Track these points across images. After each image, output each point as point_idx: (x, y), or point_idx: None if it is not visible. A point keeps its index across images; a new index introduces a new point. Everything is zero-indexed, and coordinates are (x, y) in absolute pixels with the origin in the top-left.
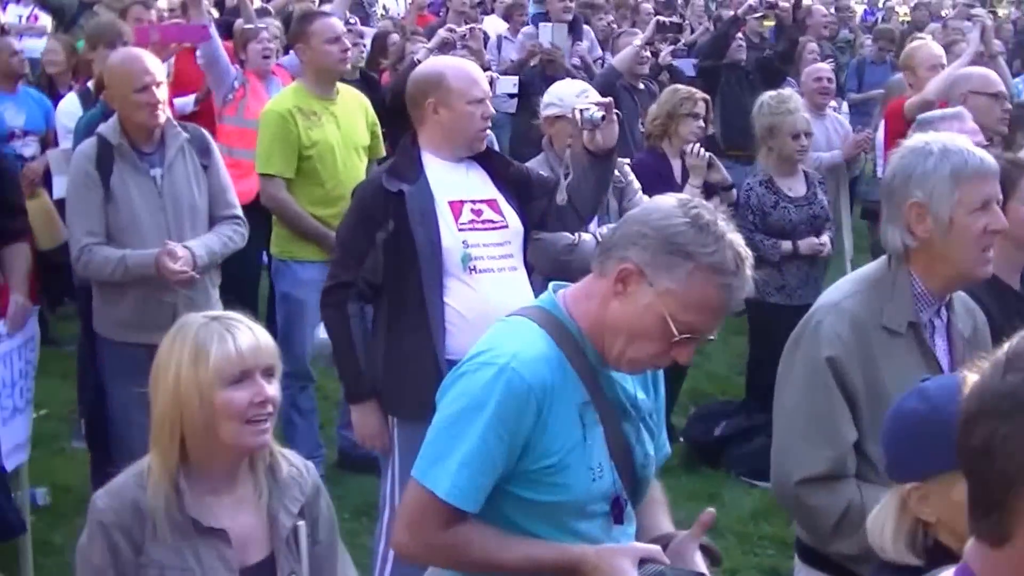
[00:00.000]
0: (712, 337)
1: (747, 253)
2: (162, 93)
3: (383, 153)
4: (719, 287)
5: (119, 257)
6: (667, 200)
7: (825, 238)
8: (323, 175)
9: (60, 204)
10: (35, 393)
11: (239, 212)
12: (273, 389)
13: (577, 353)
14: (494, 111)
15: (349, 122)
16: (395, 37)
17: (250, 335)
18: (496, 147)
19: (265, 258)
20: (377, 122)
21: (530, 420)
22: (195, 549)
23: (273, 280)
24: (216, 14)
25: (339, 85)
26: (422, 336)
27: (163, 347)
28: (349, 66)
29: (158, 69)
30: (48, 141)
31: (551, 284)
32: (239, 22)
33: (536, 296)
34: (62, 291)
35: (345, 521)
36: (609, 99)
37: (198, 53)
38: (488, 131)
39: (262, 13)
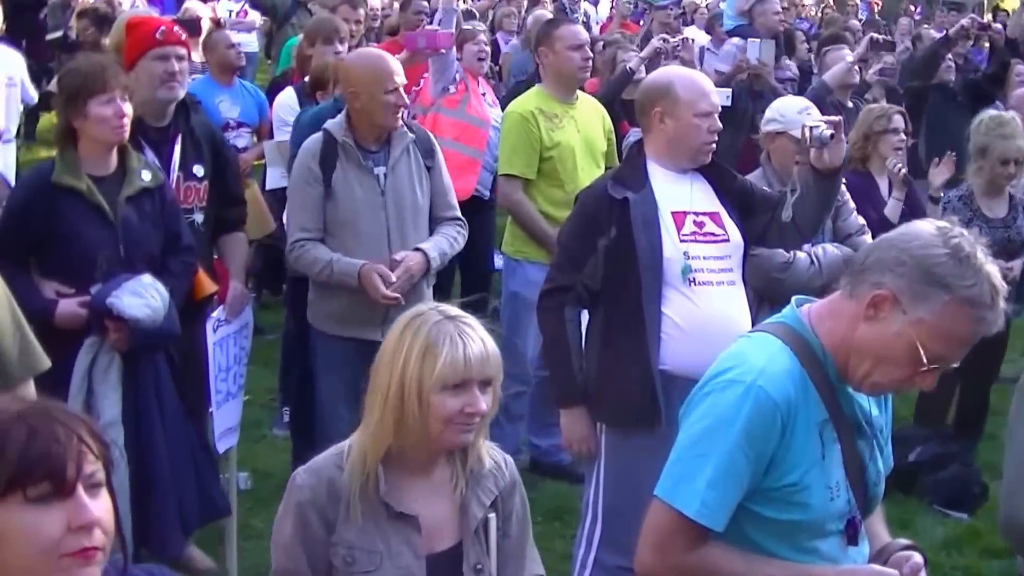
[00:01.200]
0: (956, 365)
1: (1002, 286)
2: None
3: (617, 160)
4: (973, 319)
5: (327, 260)
6: (926, 227)
7: (1016, 263)
8: (562, 177)
9: (270, 194)
10: None
11: (459, 214)
12: (486, 402)
13: (818, 371)
14: (720, 125)
15: (588, 127)
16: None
17: (480, 345)
18: None
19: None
20: (612, 129)
21: (775, 438)
22: (384, 533)
23: (503, 278)
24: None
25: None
26: (637, 345)
27: (394, 332)
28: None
29: (401, 71)
30: (262, 133)
31: (794, 299)
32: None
33: (751, 311)
34: (272, 281)
35: (537, 524)
36: (839, 118)
37: None
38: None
39: (468, 16)
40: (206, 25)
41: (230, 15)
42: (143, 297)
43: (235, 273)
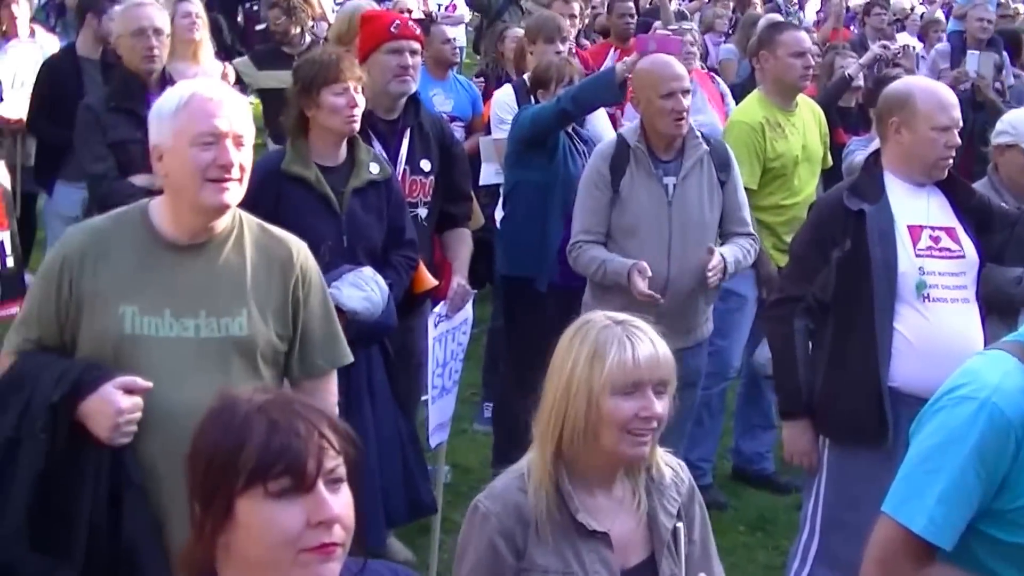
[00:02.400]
0: None
1: None
2: (687, 101)
3: (831, 163)
4: None
5: (601, 260)
6: None
7: None
8: (782, 186)
9: (483, 189)
10: None
11: (751, 230)
12: (662, 406)
13: None
14: (959, 141)
15: (808, 134)
16: None
17: (650, 346)
18: None
19: None
20: (828, 133)
21: (1008, 457)
22: (578, 552)
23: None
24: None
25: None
26: (866, 359)
27: (563, 342)
28: None
29: (685, 77)
30: (474, 127)
31: None
32: (657, 23)
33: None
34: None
35: (740, 535)
36: None
37: None
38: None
39: (679, 16)
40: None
41: (439, 9)
42: (363, 290)
43: (458, 269)
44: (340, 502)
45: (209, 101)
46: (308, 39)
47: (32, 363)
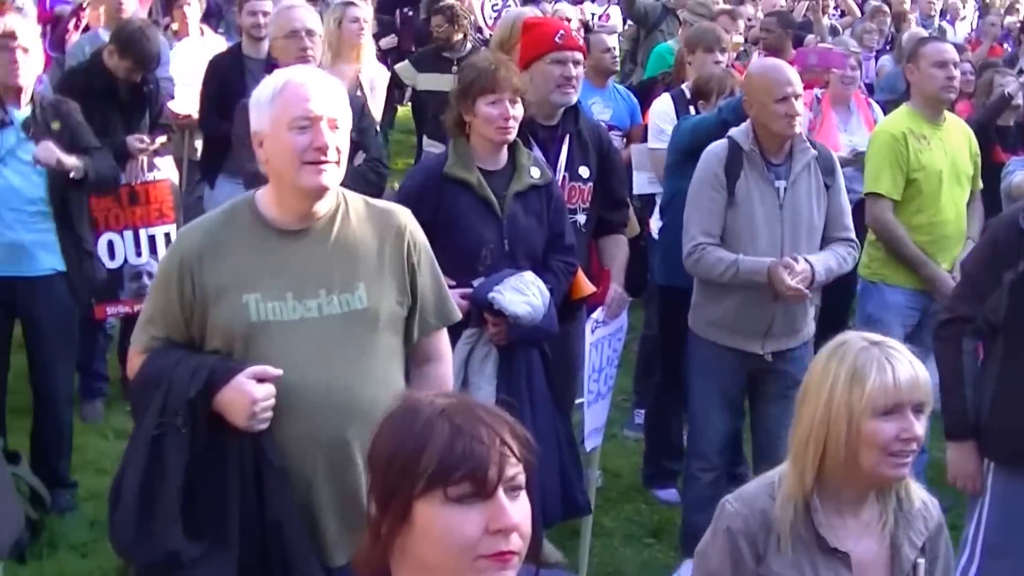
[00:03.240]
0: None
1: None
2: (800, 105)
3: (980, 186)
4: None
5: (732, 260)
6: None
7: None
8: (925, 200)
9: (636, 198)
10: None
11: (852, 235)
12: (921, 427)
13: None
14: None
15: (955, 150)
16: None
17: (909, 368)
18: None
19: None
20: (979, 153)
21: None
22: (816, 568)
23: (859, 301)
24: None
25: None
26: None
27: (818, 362)
28: None
29: (797, 81)
30: (632, 137)
31: None
32: (810, 37)
33: None
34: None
35: None
36: None
37: None
38: None
39: (831, 31)
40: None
41: (594, 18)
42: (524, 294)
43: (615, 276)
44: (519, 510)
45: (302, 86)
46: (469, 45)
47: (164, 360)
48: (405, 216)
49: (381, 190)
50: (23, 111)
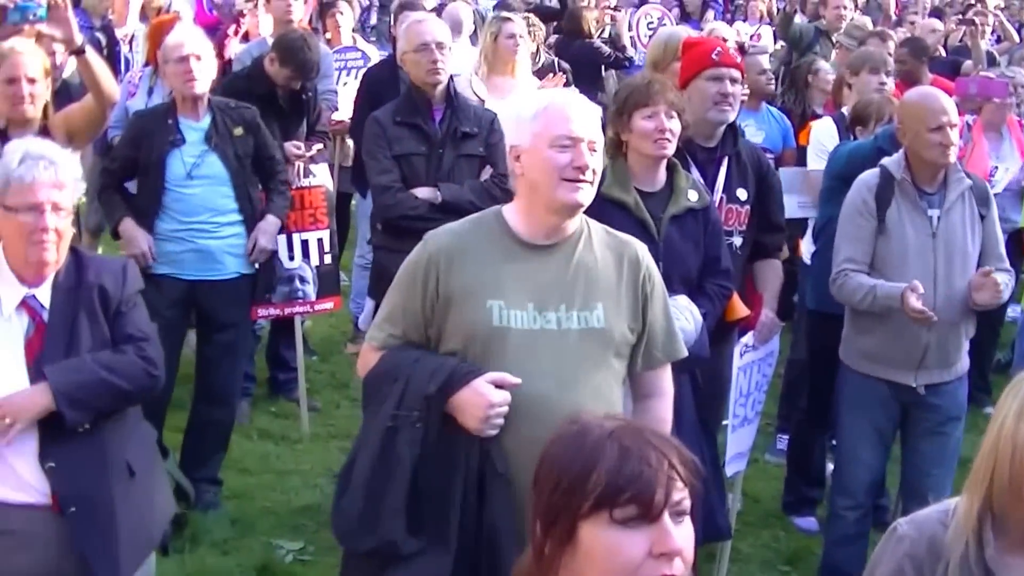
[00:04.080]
0: None
1: None
2: (955, 135)
3: None
4: None
5: (871, 286)
6: None
7: None
8: None
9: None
10: None
11: (1008, 265)
12: None
13: None
14: None
15: None
16: None
17: None
18: None
19: None
20: None
21: None
22: None
23: (1019, 331)
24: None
25: None
26: None
27: (1001, 400)
28: None
29: (953, 110)
30: (784, 160)
31: None
32: (968, 63)
33: None
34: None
35: None
36: None
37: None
38: None
39: (988, 59)
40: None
41: (748, 38)
42: (678, 318)
43: (768, 300)
44: (683, 535)
45: (565, 107)
46: (543, 58)
47: (404, 357)
48: (642, 249)
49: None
50: (202, 121)
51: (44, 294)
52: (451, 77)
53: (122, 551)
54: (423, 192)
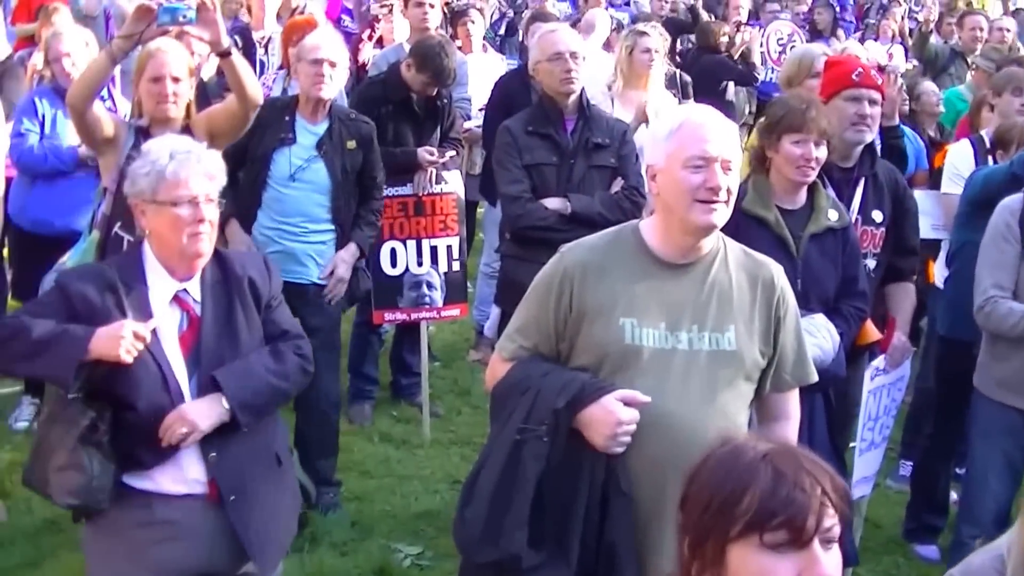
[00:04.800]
0: None
1: None
2: None
3: None
4: None
5: (1022, 312)
6: None
7: None
8: None
9: None
10: None
11: None
12: None
13: None
14: None
15: None
16: None
17: None
18: None
19: None
20: None
21: None
22: None
23: None
24: None
25: None
26: None
27: None
28: None
29: None
30: (916, 182)
31: None
32: None
33: None
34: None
35: None
36: None
37: None
38: None
39: None
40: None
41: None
42: (815, 336)
43: (900, 324)
44: (832, 562)
45: (701, 126)
46: None
47: (534, 369)
48: (778, 271)
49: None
50: (318, 126)
51: (195, 288)
52: (583, 88)
53: (274, 539)
54: (553, 203)
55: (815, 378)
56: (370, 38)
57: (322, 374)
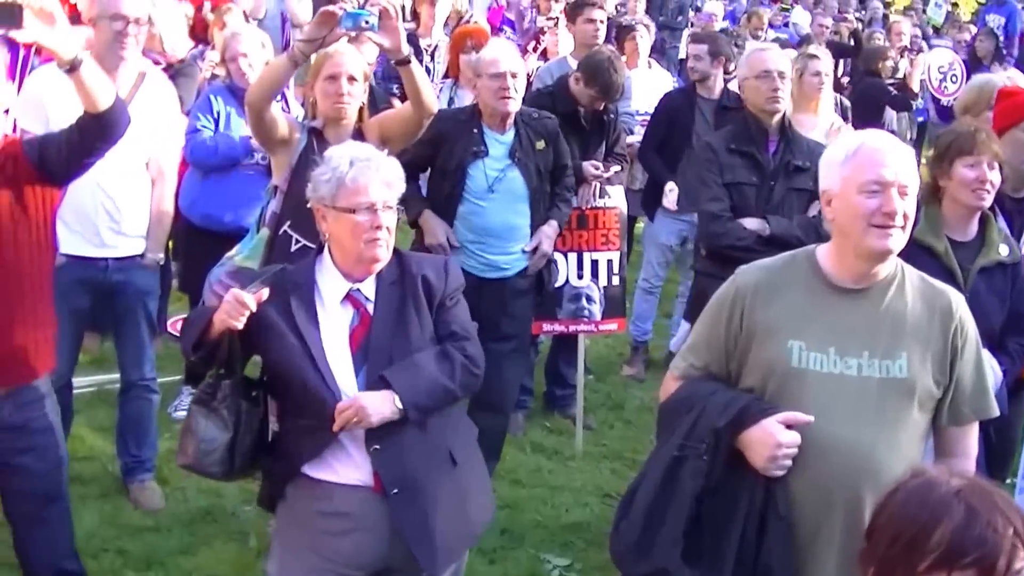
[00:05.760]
0: None
1: None
2: None
3: None
4: None
5: None
6: None
7: None
8: None
9: None
10: None
11: None
12: None
13: None
14: None
15: None
16: None
17: None
18: None
19: None
20: None
21: None
22: None
23: None
24: None
25: None
26: None
27: None
28: None
29: None
30: None
31: None
32: None
33: None
34: None
35: None
36: None
37: None
38: None
39: None
40: None
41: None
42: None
43: None
44: None
45: (877, 151)
46: None
47: (700, 388)
48: (957, 299)
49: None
50: (506, 135)
51: (368, 287)
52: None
53: (440, 539)
54: (752, 223)
55: (996, 412)
56: (534, 50)
57: (504, 380)
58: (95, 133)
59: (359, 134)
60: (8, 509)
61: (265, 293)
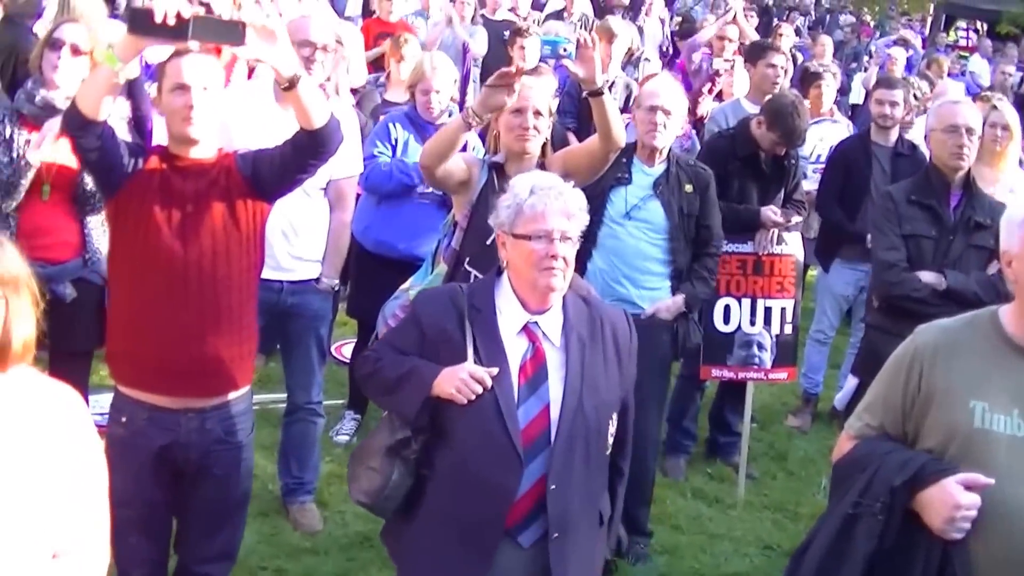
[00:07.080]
0: None
1: None
2: None
3: None
4: None
5: None
6: None
7: None
8: None
9: None
10: None
11: None
12: None
13: None
14: None
15: None
16: None
17: None
18: None
19: None
20: None
21: None
22: None
23: None
24: None
25: None
26: None
27: None
28: None
29: None
30: None
31: None
32: None
33: None
34: None
35: None
36: None
37: None
38: None
39: None
40: None
41: None
42: None
43: None
44: None
45: None
46: None
47: (877, 448)
48: None
49: None
50: (655, 168)
51: (547, 322)
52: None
53: None
54: (928, 276)
55: None
56: (710, 92)
57: (646, 415)
58: (309, 150)
59: (541, 168)
60: (189, 514)
61: (494, 371)
